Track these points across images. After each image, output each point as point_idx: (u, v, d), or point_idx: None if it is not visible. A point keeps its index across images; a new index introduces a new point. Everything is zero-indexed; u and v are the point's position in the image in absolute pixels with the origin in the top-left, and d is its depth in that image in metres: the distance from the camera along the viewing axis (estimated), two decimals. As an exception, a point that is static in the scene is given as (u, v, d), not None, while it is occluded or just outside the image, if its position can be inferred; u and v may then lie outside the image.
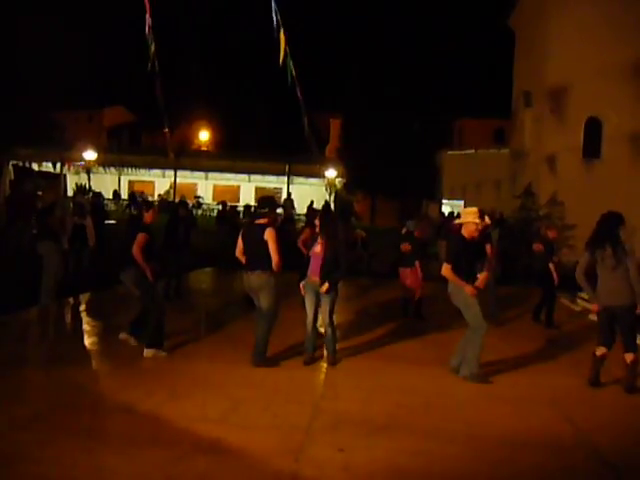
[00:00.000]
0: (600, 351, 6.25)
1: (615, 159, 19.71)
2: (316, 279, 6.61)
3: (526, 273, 13.98)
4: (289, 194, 25.64)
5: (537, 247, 9.97)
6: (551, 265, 9.50)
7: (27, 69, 23.39)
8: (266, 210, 6.67)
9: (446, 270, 6.20)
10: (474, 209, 6.49)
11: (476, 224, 6.33)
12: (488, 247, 7.72)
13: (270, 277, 6.44)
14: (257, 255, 6.42)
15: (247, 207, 26.49)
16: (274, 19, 8.95)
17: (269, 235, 6.37)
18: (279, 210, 27.20)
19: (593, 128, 20.41)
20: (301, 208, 27.38)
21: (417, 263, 9.40)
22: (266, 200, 6.95)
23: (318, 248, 6.65)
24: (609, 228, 6.19)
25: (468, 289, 6.12)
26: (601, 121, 20.28)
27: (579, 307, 11.61)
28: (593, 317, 7.39)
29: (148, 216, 7.14)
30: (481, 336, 6.16)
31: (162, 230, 10.15)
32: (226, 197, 33.24)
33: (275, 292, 6.49)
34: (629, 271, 6.01)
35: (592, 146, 20.44)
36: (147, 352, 6.64)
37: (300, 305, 9.83)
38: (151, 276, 6.79)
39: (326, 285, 6.52)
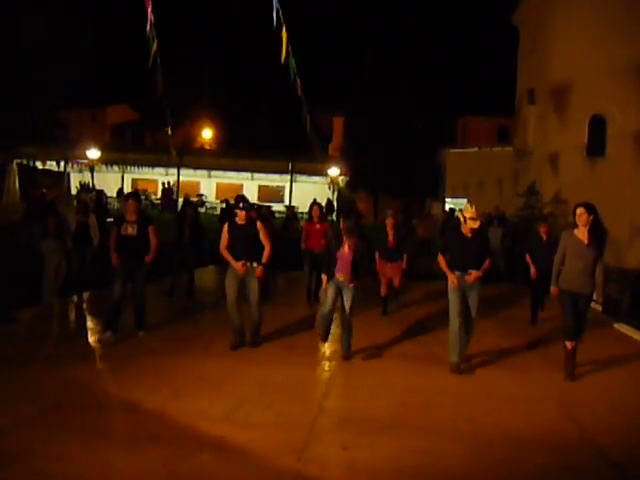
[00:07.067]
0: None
1: (619, 157, 19.63)
2: (341, 277, 6.80)
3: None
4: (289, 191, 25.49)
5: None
6: (527, 258, 9.37)
7: (30, 68, 23.40)
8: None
9: (439, 258, 6.67)
10: (474, 209, 6.64)
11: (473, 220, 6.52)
12: None
13: None
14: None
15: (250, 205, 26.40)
16: (275, 17, 8.94)
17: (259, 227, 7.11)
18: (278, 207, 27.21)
19: (597, 126, 20.32)
20: (304, 206, 27.34)
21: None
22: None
23: (346, 249, 6.83)
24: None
25: (450, 277, 6.45)
26: (605, 119, 20.20)
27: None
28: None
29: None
30: (450, 327, 6.45)
31: (165, 227, 10.16)
32: (229, 195, 33.18)
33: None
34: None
35: (596, 144, 20.35)
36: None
37: (303, 304, 9.89)
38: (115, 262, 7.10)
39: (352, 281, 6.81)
